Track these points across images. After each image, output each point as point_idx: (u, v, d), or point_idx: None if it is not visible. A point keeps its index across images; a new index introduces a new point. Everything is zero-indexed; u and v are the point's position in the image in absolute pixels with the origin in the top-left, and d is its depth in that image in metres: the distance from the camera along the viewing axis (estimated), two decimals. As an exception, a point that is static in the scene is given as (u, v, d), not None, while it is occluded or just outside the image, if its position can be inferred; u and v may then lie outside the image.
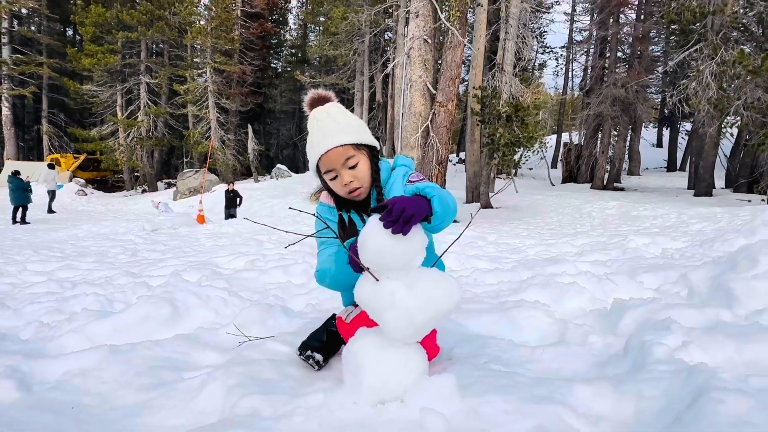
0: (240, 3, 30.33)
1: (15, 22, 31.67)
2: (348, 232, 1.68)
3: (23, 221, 15.13)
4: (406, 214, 1.19)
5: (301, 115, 45.10)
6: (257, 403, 1.33)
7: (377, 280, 1.32)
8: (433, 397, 1.23)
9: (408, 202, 1.22)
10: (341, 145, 1.56)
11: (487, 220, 11.68)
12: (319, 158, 1.59)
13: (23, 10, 31.90)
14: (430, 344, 1.64)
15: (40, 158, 32.93)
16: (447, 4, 11.83)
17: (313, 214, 1.66)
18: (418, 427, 1.14)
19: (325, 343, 1.71)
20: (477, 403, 1.22)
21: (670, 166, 31.60)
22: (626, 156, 26.86)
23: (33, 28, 33.83)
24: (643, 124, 29.79)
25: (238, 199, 15.37)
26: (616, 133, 23.33)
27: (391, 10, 22.77)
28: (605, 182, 22.43)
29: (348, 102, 38.29)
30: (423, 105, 11.63)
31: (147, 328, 2.39)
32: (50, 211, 19.02)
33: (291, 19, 44.08)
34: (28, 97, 31.60)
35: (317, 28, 39.27)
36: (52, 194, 19.37)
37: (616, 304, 2.18)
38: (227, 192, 15.62)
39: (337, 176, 1.59)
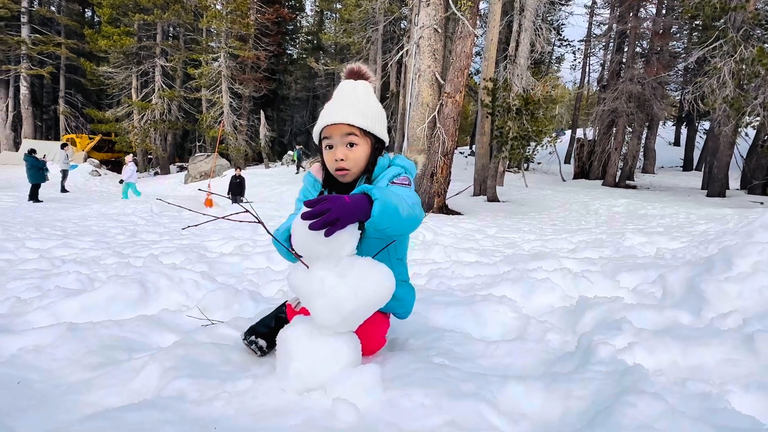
0: (256, -13, 30.25)
1: (35, 2, 31.98)
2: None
3: (36, 199, 15.37)
4: (330, 216, 1.17)
5: (315, 102, 45.25)
6: (185, 386, 1.33)
7: (308, 268, 1.31)
8: (353, 387, 1.21)
9: (339, 204, 1.19)
10: (348, 124, 1.54)
11: (491, 214, 11.59)
12: (324, 126, 1.58)
13: (43, -10, 32.23)
14: (375, 335, 1.62)
15: (57, 138, 33.43)
16: (459, -7, 11.66)
17: (235, 201, 1.63)
18: (330, 416, 1.13)
19: (272, 329, 1.70)
20: (397, 395, 1.21)
21: (687, 166, 31.01)
22: (641, 154, 26.41)
23: (52, 8, 34.17)
24: (661, 121, 29.23)
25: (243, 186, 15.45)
26: (630, 130, 22.93)
27: (406, -2, 22.58)
28: (617, 179, 22.10)
29: (361, 90, 38.11)
30: (431, 95, 11.54)
31: (114, 309, 2.40)
32: (63, 190, 19.30)
33: (308, 5, 43.90)
34: (46, 77, 32.01)
35: (333, 15, 39.05)
36: (64, 174, 19.64)
37: (580, 302, 2.14)
38: (234, 177, 15.71)
39: (332, 147, 1.57)
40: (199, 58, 28.50)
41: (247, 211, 1.36)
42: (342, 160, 1.55)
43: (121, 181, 17.66)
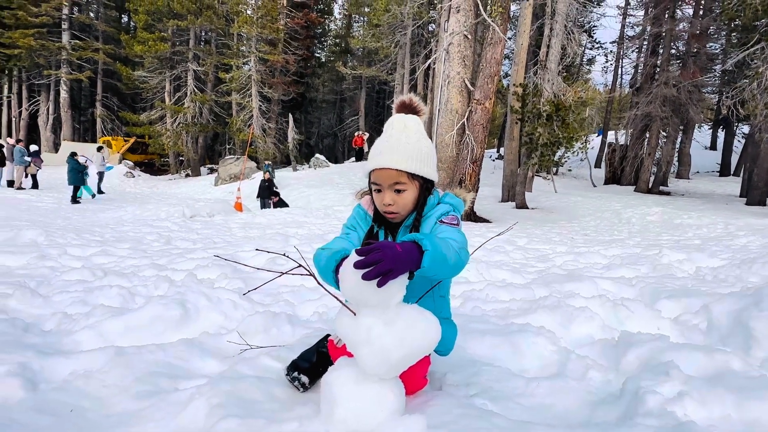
0: (286, -8, 30.68)
1: (75, 9, 33.17)
2: (367, 240, 1.68)
3: (75, 200, 15.91)
4: (383, 267, 1.18)
5: (343, 105, 45.52)
6: (234, 427, 1.36)
7: (354, 314, 1.32)
8: (401, 438, 1.21)
9: (391, 254, 1.20)
10: (397, 170, 1.54)
11: (520, 222, 11.44)
12: (373, 169, 1.59)
13: (82, -2, 33.42)
14: (417, 376, 1.62)
15: (94, 140, 34.58)
16: (490, -1, 11.56)
17: (284, 254, 1.65)
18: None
19: (314, 365, 1.72)
20: (444, 448, 1.20)
21: (723, 171, 29.98)
22: (675, 158, 25.65)
23: (91, 14, 35.38)
24: (697, 125, 28.34)
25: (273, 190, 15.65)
26: (665, 134, 22.30)
27: (435, 2, 22.50)
28: (650, 185, 21.53)
29: (388, 94, 38.24)
30: (460, 102, 11.47)
31: (156, 329, 2.47)
32: (99, 191, 19.93)
33: (336, 9, 44.25)
34: (84, 81, 33.13)
35: (361, 18, 39.26)
36: (100, 175, 20.28)
37: (623, 338, 2.09)
38: (263, 181, 15.94)
39: (381, 190, 1.59)
40: (230, 62, 29.08)
41: (300, 266, 1.38)
42: (390, 205, 1.56)
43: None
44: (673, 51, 23.00)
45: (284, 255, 1.61)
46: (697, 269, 4.69)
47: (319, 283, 1.47)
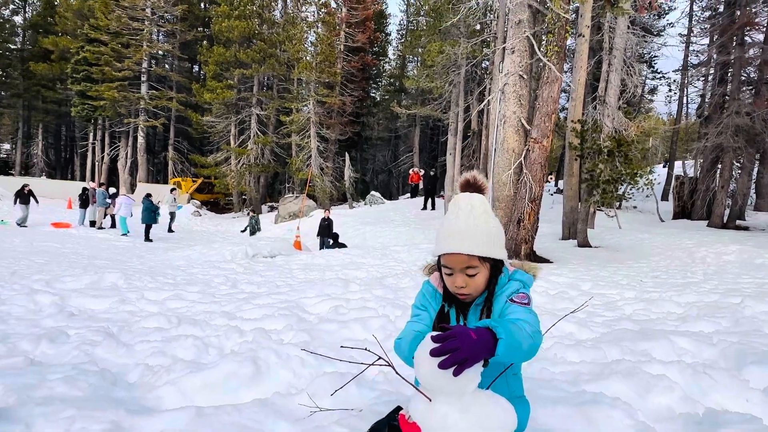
0: (343, 38, 32.17)
1: (153, 63, 36.33)
2: (440, 323, 1.69)
3: (147, 239, 16.99)
4: (459, 356, 1.21)
5: (397, 142, 46.33)
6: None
7: (429, 400, 1.34)
8: None
9: (467, 342, 1.22)
10: (468, 255, 1.56)
11: (583, 263, 11.02)
12: (443, 254, 1.61)
13: (160, 52, 36.55)
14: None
15: (165, 181, 37.09)
16: (545, 38, 11.58)
17: (365, 349, 1.70)
18: None
19: (384, 438, 1.74)
20: None
21: (809, 203, 27.59)
22: (752, 191, 23.98)
23: (166, 66, 38.59)
24: (775, 154, 26.47)
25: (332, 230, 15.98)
26: (739, 165, 20.96)
27: (488, 40, 22.77)
28: (725, 220, 20.15)
29: (442, 131, 38.57)
30: (516, 141, 11.40)
31: (231, 385, 2.59)
32: (170, 230, 21.17)
33: (390, 50, 45.76)
34: (159, 128, 35.89)
35: (415, 58, 40.29)
36: (171, 215, 21.59)
37: (708, 416, 1.97)
38: (323, 220, 16.34)
39: (452, 274, 1.61)
40: (291, 105, 30.60)
41: (380, 358, 1.43)
42: (463, 287, 1.59)
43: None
44: (743, 78, 21.87)
45: (365, 349, 1.67)
46: (786, 323, 4.32)
47: (398, 374, 1.51)
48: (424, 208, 24.62)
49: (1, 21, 44.25)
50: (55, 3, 43.64)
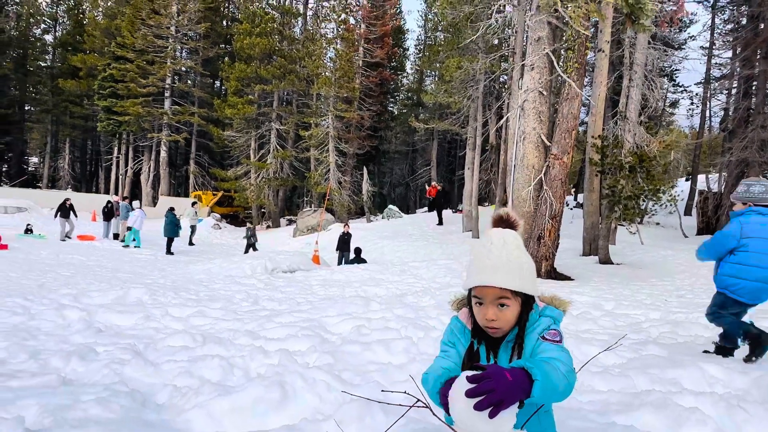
0: (362, 54, 32.58)
1: (176, 79, 37.23)
2: (470, 360, 1.68)
3: (168, 251, 17.26)
4: (495, 397, 1.21)
5: (414, 155, 46.46)
6: None
7: (464, 439, 1.35)
8: None
9: (503, 383, 1.23)
10: (501, 288, 1.56)
11: (605, 280, 10.85)
12: (475, 286, 1.61)
13: (183, 69, 37.45)
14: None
15: (186, 194, 37.76)
16: (564, 55, 11.58)
17: (404, 392, 1.71)
18: None
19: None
20: None
21: (840, 218, 26.75)
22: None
23: (189, 82, 39.50)
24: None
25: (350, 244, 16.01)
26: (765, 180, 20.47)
27: (507, 55, 22.80)
28: (752, 236, 19.65)
29: (460, 145, 38.58)
30: (536, 157, 11.37)
31: (259, 410, 2.62)
32: (190, 243, 21.47)
33: (408, 65, 46.12)
34: (181, 142, 36.62)
35: (433, 73, 40.54)
36: (193, 229, 21.92)
37: (744, 454, 1.93)
38: (342, 234, 16.39)
39: (482, 305, 1.61)
40: (310, 120, 30.99)
41: (419, 400, 1.45)
42: (494, 320, 1.59)
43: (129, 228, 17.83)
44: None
45: (404, 392, 1.69)
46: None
47: (436, 415, 1.51)
48: (440, 223, 24.60)
49: (32, 40, 45.98)
50: (84, 22, 45.24)
